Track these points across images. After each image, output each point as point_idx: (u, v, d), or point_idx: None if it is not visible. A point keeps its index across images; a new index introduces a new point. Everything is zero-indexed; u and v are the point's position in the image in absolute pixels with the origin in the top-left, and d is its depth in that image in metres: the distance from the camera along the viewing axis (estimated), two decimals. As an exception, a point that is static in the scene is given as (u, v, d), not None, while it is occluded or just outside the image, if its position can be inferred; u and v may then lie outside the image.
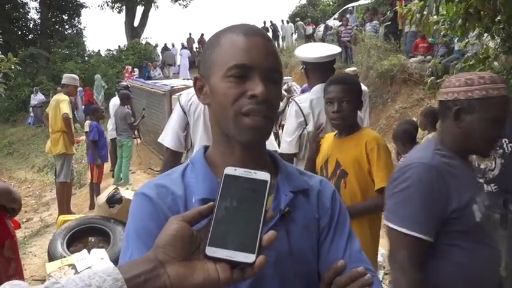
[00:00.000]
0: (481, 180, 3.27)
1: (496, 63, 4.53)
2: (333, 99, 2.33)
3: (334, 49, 3.08)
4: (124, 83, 10.75)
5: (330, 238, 1.02)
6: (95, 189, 7.39)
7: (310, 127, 2.81)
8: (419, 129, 4.83)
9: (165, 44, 25.38)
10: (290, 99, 2.98)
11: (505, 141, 3.13)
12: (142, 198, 0.95)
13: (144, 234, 0.90)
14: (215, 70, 0.97)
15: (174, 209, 0.93)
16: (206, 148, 1.07)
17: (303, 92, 6.14)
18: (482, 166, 3.28)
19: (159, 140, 2.95)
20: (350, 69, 9.22)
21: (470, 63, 4.68)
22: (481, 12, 3.90)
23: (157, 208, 0.93)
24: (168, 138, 2.86)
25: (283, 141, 2.90)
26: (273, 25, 23.84)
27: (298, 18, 23.93)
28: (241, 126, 0.94)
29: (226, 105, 0.95)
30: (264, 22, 24.32)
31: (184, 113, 2.86)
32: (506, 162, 3.13)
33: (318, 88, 2.89)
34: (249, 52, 0.95)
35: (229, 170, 0.79)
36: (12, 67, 6.76)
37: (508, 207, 3.13)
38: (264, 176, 0.78)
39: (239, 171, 0.79)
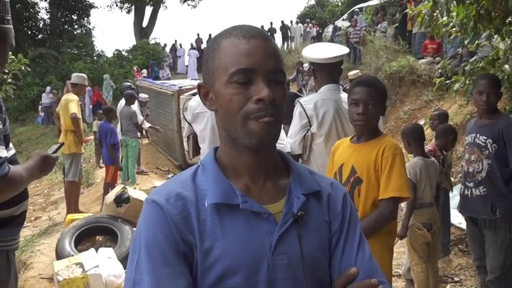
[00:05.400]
0: (471, 184, 3.25)
1: (506, 65, 4.49)
2: (358, 100, 2.24)
3: (341, 50, 3.04)
4: (127, 83, 10.72)
5: (342, 244, 1.01)
6: (107, 189, 7.38)
7: (314, 128, 2.79)
8: (429, 130, 4.82)
9: (173, 45, 25.43)
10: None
11: (489, 141, 3.14)
12: (152, 206, 0.94)
13: (152, 244, 0.90)
14: (218, 76, 0.96)
15: (184, 214, 0.92)
16: (216, 149, 1.06)
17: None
18: (470, 169, 3.26)
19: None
20: (353, 72, 9.09)
21: (480, 65, 4.64)
22: (492, 14, 3.87)
23: (167, 215, 0.92)
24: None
25: (287, 142, 2.88)
26: (284, 26, 23.69)
27: (308, 20, 23.77)
28: (250, 131, 0.94)
29: (233, 111, 0.94)
30: (271, 23, 24.27)
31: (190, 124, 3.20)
32: (493, 161, 3.13)
33: (325, 89, 2.88)
34: (250, 56, 0.93)
35: None
36: (22, 68, 6.80)
37: (495, 213, 3.11)
38: None
39: None
